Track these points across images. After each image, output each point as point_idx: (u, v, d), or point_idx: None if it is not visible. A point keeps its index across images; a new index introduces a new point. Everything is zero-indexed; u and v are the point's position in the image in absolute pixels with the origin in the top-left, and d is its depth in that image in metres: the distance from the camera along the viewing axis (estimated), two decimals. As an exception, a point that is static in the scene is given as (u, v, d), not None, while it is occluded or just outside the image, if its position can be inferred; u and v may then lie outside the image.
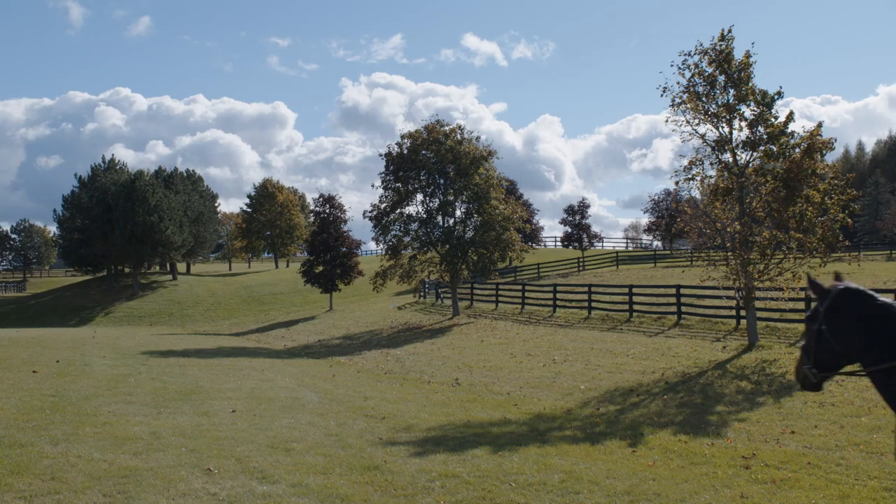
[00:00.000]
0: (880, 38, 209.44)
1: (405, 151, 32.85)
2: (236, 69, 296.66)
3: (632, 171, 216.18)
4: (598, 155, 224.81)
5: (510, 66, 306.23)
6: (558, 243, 69.26)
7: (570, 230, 59.43)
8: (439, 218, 33.27)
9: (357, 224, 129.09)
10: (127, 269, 63.03)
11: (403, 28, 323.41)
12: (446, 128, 32.88)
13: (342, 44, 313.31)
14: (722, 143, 16.59)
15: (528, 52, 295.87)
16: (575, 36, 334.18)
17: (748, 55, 16.28)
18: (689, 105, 16.61)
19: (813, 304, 4.18)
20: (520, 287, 32.63)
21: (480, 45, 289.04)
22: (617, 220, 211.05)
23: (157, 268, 70.49)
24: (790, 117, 16.03)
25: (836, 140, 16.06)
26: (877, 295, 4.02)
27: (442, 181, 32.66)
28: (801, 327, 17.80)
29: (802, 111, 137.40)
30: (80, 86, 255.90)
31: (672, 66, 16.81)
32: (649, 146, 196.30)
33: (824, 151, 15.72)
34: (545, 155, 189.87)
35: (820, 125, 15.83)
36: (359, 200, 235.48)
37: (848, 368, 4.00)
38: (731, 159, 16.70)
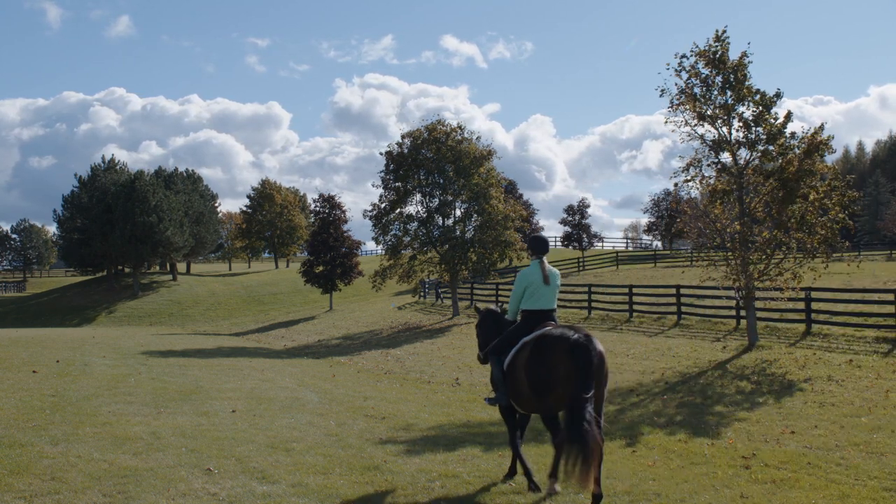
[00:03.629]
0: (872, 39, 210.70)
1: (405, 151, 32.87)
2: (228, 70, 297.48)
3: (622, 172, 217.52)
4: (591, 155, 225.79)
5: (501, 66, 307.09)
6: (558, 243, 69.25)
7: (569, 230, 59.44)
8: (439, 218, 33.27)
9: (356, 224, 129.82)
10: (127, 270, 63.04)
11: (394, 29, 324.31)
12: (447, 127, 32.91)
13: (333, 44, 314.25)
14: (720, 144, 16.59)
15: (506, 52, 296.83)
16: (570, 36, 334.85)
17: (744, 56, 16.27)
18: (687, 106, 16.60)
19: (477, 318, 7.67)
20: (520, 287, 32.57)
21: (462, 46, 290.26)
22: (612, 220, 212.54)
23: (157, 268, 70.53)
24: (788, 117, 16.01)
25: (832, 137, 16.00)
26: (497, 311, 7.42)
27: (441, 180, 32.68)
28: (802, 327, 17.82)
29: (795, 112, 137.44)
30: (75, 86, 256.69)
31: (668, 68, 16.79)
32: (640, 147, 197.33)
33: (824, 152, 15.70)
34: (536, 155, 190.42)
35: (822, 127, 15.81)
36: (353, 200, 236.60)
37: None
38: (730, 160, 16.70)
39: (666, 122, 17.00)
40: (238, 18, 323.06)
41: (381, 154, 33.83)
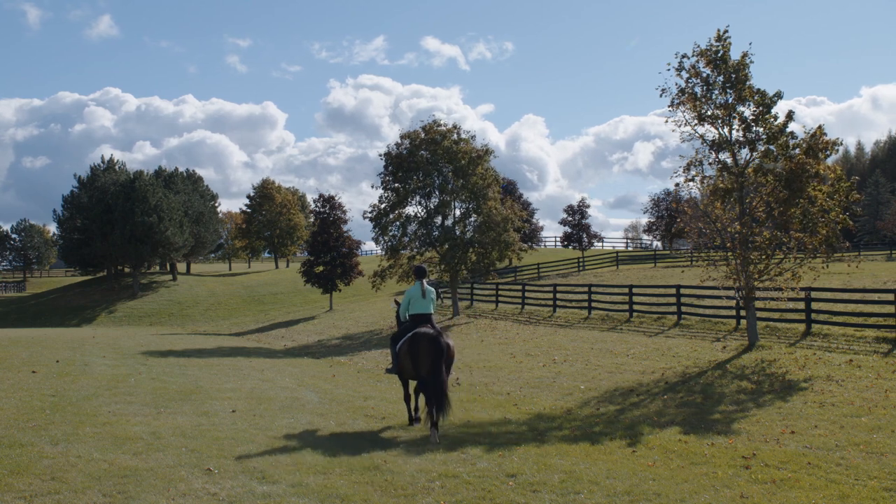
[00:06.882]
0: (864, 40, 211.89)
1: (404, 152, 32.87)
2: (220, 72, 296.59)
3: (614, 173, 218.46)
4: (584, 156, 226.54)
5: (493, 67, 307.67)
6: (558, 243, 69.25)
7: (569, 230, 59.40)
8: (438, 218, 33.27)
9: (354, 224, 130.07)
10: (127, 270, 63.01)
11: (386, 30, 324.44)
12: (443, 127, 32.90)
13: (325, 45, 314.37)
14: (720, 144, 16.58)
15: (494, 52, 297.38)
16: (565, 37, 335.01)
17: (745, 56, 16.26)
18: (687, 105, 16.60)
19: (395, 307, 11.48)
20: (520, 287, 32.63)
21: (444, 47, 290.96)
22: (607, 220, 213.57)
23: (157, 268, 70.51)
24: (790, 117, 16.00)
25: (841, 141, 16.07)
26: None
27: (440, 181, 32.69)
28: (802, 327, 17.82)
29: (787, 111, 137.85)
30: (70, 86, 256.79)
31: (669, 67, 16.78)
32: (631, 149, 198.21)
33: (828, 152, 15.70)
34: (527, 155, 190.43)
35: (821, 127, 15.82)
36: (347, 200, 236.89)
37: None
38: (730, 160, 16.69)
39: (666, 121, 17.01)
40: (224, 20, 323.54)
41: (380, 156, 33.88)
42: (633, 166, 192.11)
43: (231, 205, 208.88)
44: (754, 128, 16.21)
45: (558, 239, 66.11)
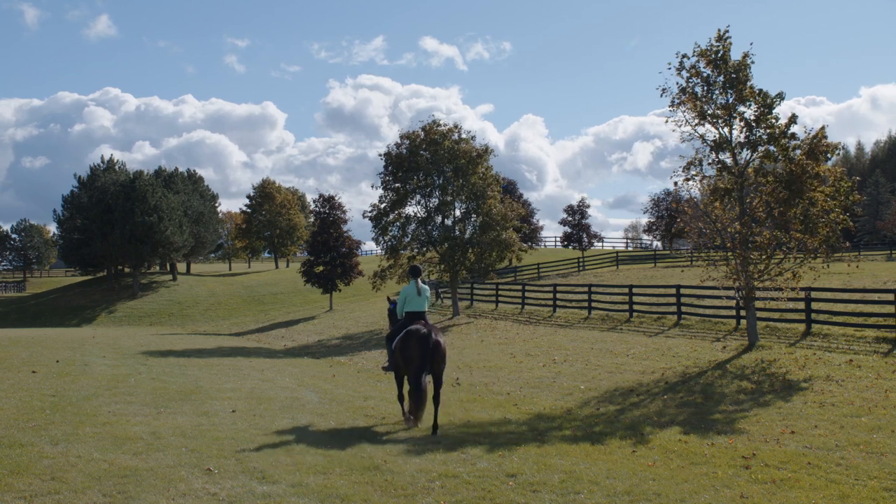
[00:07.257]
0: (864, 40, 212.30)
1: (404, 152, 32.86)
2: (219, 72, 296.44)
3: (613, 173, 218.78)
4: (584, 156, 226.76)
5: (491, 67, 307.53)
6: (558, 243, 69.25)
7: (569, 230, 59.39)
8: (438, 218, 33.27)
9: (354, 224, 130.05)
10: (127, 270, 63.00)
11: (385, 30, 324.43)
12: (443, 128, 32.89)
13: (324, 45, 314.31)
14: (721, 144, 16.57)
15: (492, 52, 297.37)
16: (566, 36, 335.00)
17: (746, 56, 16.25)
18: (687, 105, 16.59)
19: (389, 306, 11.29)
20: (520, 287, 32.64)
21: (442, 47, 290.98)
22: (607, 219, 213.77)
23: (157, 268, 70.50)
24: (793, 120, 15.97)
25: (843, 145, 16.11)
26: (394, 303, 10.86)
27: (440, 181, 32.68)
28: (802, 327, 17.82)
29: (787, 112, 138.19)
30: (70, 86, 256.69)
31: (669, 67, 16.77)
32: (630, 149, 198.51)
33: (829, 155, 15.69)
34: (526, 155, 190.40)
35: (823, 129, 15.81)
36: (348, 200, 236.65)
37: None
38: (730, 160, 16.68)
39: (666, 121, 16.98)
40: (223, 20, 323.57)
41: (380, 156, 33.89)
42: (633, 166, 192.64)
43: (231, 205, 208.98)
44: (756, 129, 16.19)
45: (558, 239, 66.11)
